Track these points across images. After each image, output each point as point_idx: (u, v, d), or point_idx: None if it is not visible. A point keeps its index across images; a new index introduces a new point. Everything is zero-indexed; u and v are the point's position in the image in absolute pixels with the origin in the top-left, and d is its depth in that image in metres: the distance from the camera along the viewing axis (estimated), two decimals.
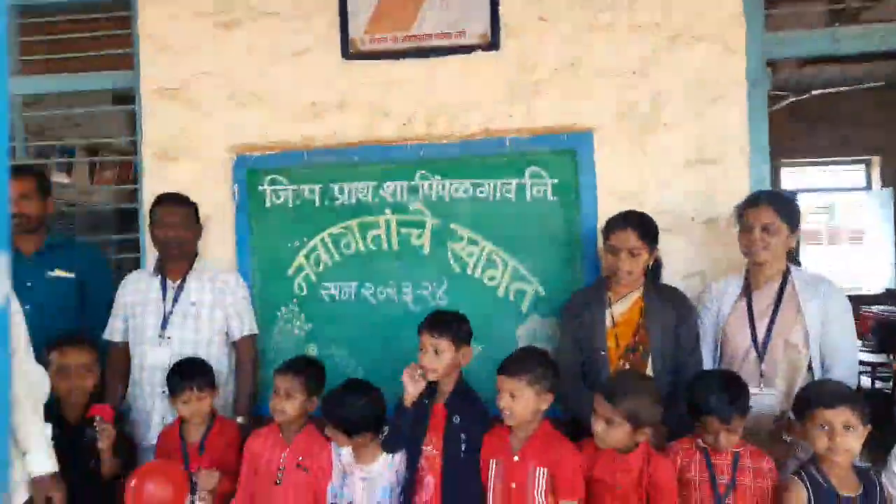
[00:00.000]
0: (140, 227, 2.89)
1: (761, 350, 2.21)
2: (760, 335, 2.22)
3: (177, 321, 2.54)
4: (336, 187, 2.77)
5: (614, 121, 2.65)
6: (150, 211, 2.61)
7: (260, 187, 2.81)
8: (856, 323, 2.28)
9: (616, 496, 1.91)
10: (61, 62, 3.05)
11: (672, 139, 2.64)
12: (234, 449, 2.35)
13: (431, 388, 2.19)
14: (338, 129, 2.77)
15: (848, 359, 2.13)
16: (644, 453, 1.94)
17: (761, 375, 2.18)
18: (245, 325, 2.66)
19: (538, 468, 1.95)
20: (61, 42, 3.04)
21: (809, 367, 2.16)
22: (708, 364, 2.31)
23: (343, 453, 2.22)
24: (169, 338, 2.52)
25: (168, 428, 2.43)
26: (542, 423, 2.03)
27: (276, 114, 2.80)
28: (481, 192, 2.70)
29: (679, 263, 2.61)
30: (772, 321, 2.22)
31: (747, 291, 2.31)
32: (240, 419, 2.52)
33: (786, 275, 2.28)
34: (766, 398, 2.15)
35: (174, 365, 2.41)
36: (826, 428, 1.84)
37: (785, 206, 2.23)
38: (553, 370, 2.04)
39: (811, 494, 1.85)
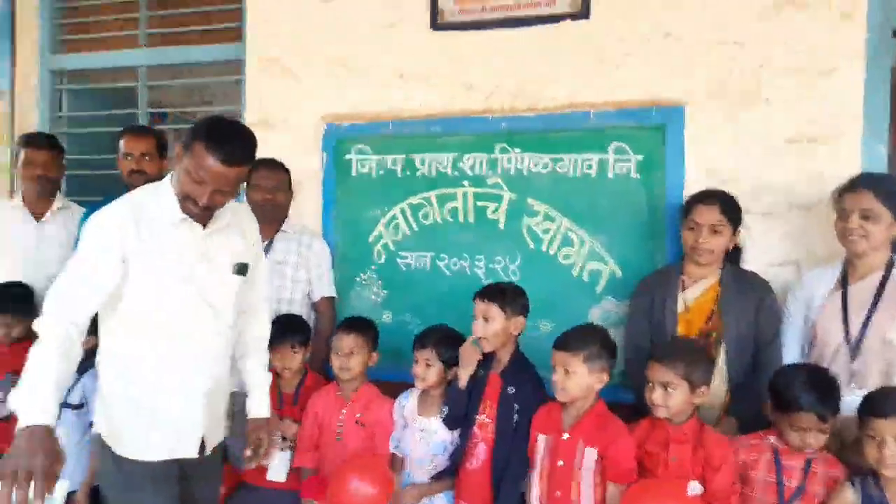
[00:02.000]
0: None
1: (854, 347, 2.00)
2: (854, 331, 2.01)
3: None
4: (418, 158, 2.82)
5: (709, 95, 2.48)
6: (248, 175, 2.79)
7: (347, 156, 2.92)
8: None
9: (670, 468, 1.82)
10: (176, 36, 3.33)
11: (773, 115, 2.43)
12: None
13: (489, 359, 2.19)
14: (423, 101, 2.81)
15: None
16: (698, 428, 1.87)
17: (852, 375, 1.98)
18: (325, 287, 2.79)
19: (587, 448, 1.90)
20: (177, 17, 3.32)
21: None
22: (794, 359, 2.14)
23: (406, 405, 2.29)
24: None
25: None
26: (596, 403, 1.98)
27: (366, 84, 2.88)
28: (561, 166, 2.64)
29: (772, 251, 2.42)
30: (868, 317, 2.00)
31: (843, 283, 2.10)
32: None
33: (890, 267, 2.04)
34: (855, 400, 1.94)
35: (273, 320, 2.54)
36: (877, 439, 1.66)
37: (888, 191, 2.00)
38: (611, 350, 1.98)
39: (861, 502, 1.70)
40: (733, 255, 2.33)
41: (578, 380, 1.91)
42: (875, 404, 1.71)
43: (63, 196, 3.10)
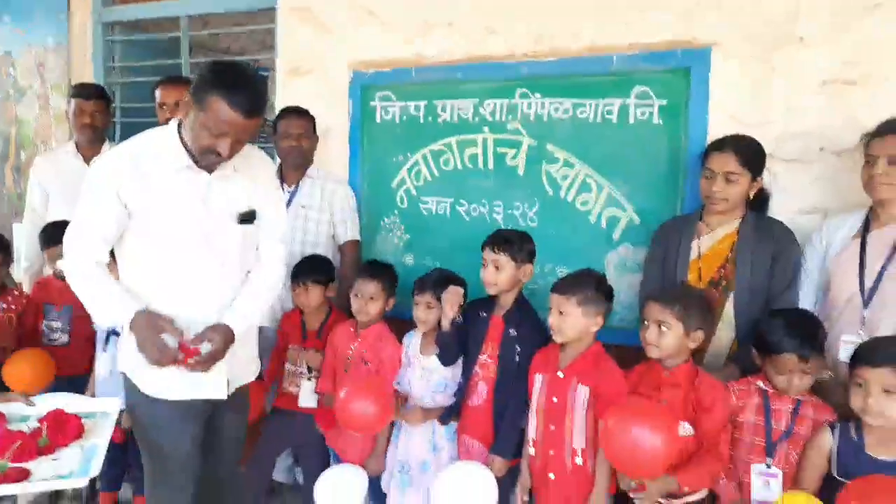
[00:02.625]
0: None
1: (868, 296, 1.93)
2: (869, 280, 1.94)
3: (288, 222, 2.81)
4: (440, 105, 2.83)
5: (738, 35, 2.37)
6: (275, 123, 2.89)
7: (371, 103, 2.97)
8: None
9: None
10: None
11: (809, 56, 2.30)
12: None
13: (492, 301, 2.23)
14: (446, 47, 2.81)
15: None
16: (692, 371, 1.87)
17: (863, 323, 1.92)
18: (349, 230, 2.88)
19: (581, 385, 1.94)
20: None
21: None
22: (809, 307, 2.08)
23: (410, 344, 2.38)
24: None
25: (290, 313, 2.74)
26: (593, 345, 2.00)
27: (391, 32, 2.90)
28: (582, 112, 2.60)
29: (801, 198, 2.33)
30: (885, 265, 1.92)
31: (864, 231, 2.01)
32: None
33: None
34: None
35: (299, 261, 2.66)
36: (863, 385, 1.63)
37: None
38: (606, 294, 1.99)
39: (837, 447, 1.69)
40: (759, 203, 2.27)
41: (573, 321, 1.94)
42: (864, 353, 1.68)
43: (112, 143, 3.29)
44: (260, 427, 2.61)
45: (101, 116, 3.14)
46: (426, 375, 2.31)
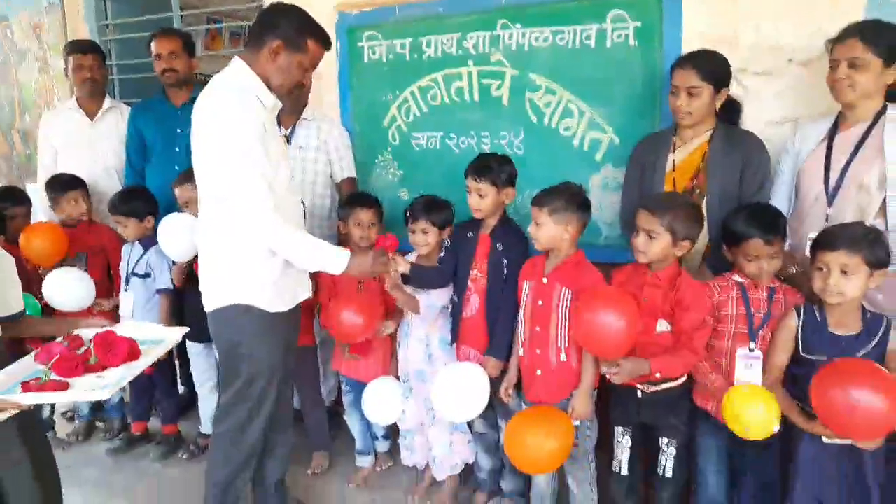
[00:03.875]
0: None
1: (832, 193, 2.06)
2: (833, 178, 2.07)
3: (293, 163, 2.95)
4: (424, 41, 2.93)
5: None
6: None
7: (359, 44, 3.06)
8: None
9: (642, 308, 1.99)
10: None
11: None
12: None
13: (478, 222, 2.39)
14: None
15: None
16: (675, 274, 2.01)
17: (827, 220, 2.05)
18: (345, 169, 3.02)
19: (563, 289, 2.10)
20: None
21: (884, 213, 1.99)
22: (782, 209, 2.20)
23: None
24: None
25: None
26: (575, 253, 2.15)
27: None
28: (561, 39, 2.69)
29: (771, 109, 2.44)
30: (848, 163, 2.05)
31: (832, 133, 2.13)
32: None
33: (879, 115, 2.05)
34: None
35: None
36: (823, 269, 1.77)
37: (877, 37, 1.97)
38: (578, 205, 2.11)
39: (801, 325, 1.85)
40: (731, 115, 2.38)
41: (546, 230, 2.09)
42: (823, 239, 1.81)
43: (111, 98, 3.41)
44: None
45: (99, 70, 3.25)
46: (418, 293, 2.48)
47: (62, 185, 3.02)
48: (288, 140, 2.97)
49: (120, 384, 1.65)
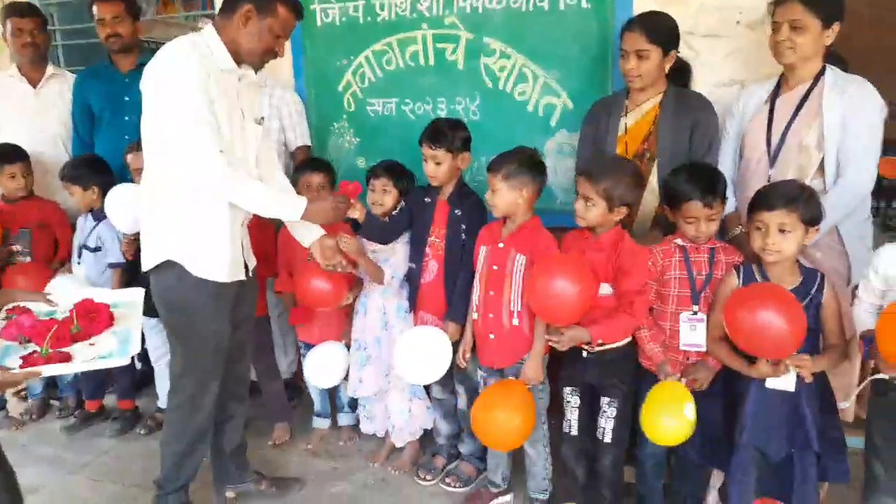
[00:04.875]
0: None
1: (774, 154, 2.11)
2: (775, 139, 2.11)
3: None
4: (377, 3, 2.87)
5: None
6: None
7: (311, 6, 2.98)
8: None
9: None
10: None
11: None
12: (272, 242, 2.76)
13: (435, 188, 2.38)
14: None
15: (861, 162, 1.97)
16: (617, 237, 2.03)
17: (769, 181, 2.09)
18: (299, 136, 2.97)
19: (518, 254, 2.11)
20: None
21: (822, 172, 2.04)
22: (728, 173, 2.25)
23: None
24: None
25: None
26: (530, 219, 2.16)
27: None
28: (515, 2, 2.67)
29: (719, 71, 2.47)
30: (789, 124, 2.09)
31: (774, 96, 2.16)
32: None
33: (818, 77, 2.09)
34: None
35: None
36: (762, 229, 1.81)
37: (817, 0, 1.99)
38: (533, 168, 2.11)
39: (741, 283, 1.90)
40: (682, 77, 2.39)
41: (501, 195, 2.09)
42: (761, 198, 1.84)
43: (54, 65, 3.28)
44: None
45: (40, 34, 3.12)
46: (377, 257, 2.48)
47: (0, 158, 2.90)
48: None
49: (135, 344, 1.67)
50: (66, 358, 1.61)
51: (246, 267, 2.15)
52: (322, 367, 2.58)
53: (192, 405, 2.11)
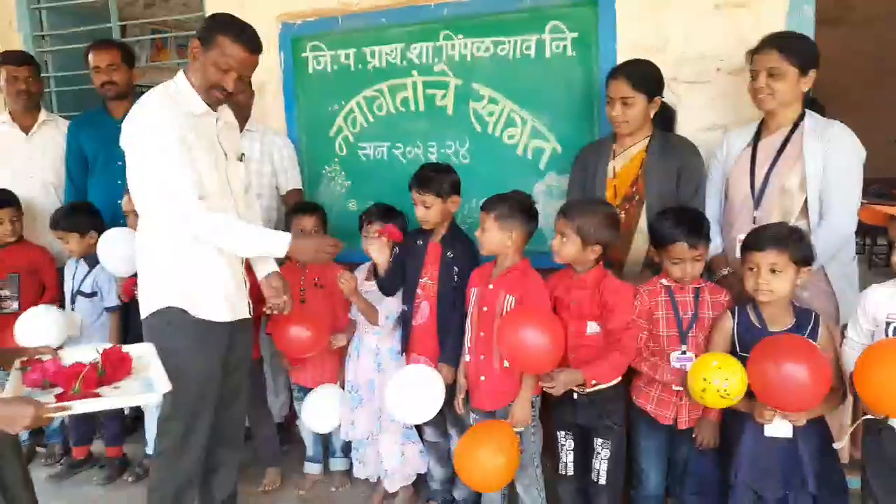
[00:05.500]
0: None
1: (757, 196, 2.16)
2: (758, 182, 2.17)
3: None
4: (368, 51, 2.94)
5: None
6: None
7: (303, 54, 3.05)
8: None
9: (571, 311, 2.06)
10: None
11: None
12: None
13: (427, 230, 2.41)
14: None
15: (844, 204, 2.02)
16: (599, 276, 2.07)
17: (754, 222, 2.14)
18: (290, 180, 3.01)
19: (507, 295, 2.13)
20: None
21: (806, 214, 2.09)
22: (712, 214, 2.29)
23: (358, 276, 2.56)
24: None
25: None
26: (520, 262, 2.18)
27: None
28: (502, 49, 2.74)
29: (701, 116, 2.54)
30: (771, 168, 2.14)
31: (756, 140, 2.23)
32: None
33: (797, 122, 2.16)
34: None
35: None
36: (754, 269, 1.84)
37: (792, 47, 2.09)
38: (524, 213, 2.15)
39: (736, 325, 1.93)
40: (666, 122, 2.46)
41: (490, 235, 2.13)
42: (752, 240, 1.89)
43: (47, 111, 3.31)
44: None
45: (34, 82, 3.15)
46: (373, 298, 2.49)
47: None
48: None
49: (164, 383, 1.67)
50: (97, 396, 1.64)
51: (249, 305, 2.18)
52: (320, 410, 2.56)
53: (179, 450, 2.08)
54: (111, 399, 1.66)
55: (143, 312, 2.06)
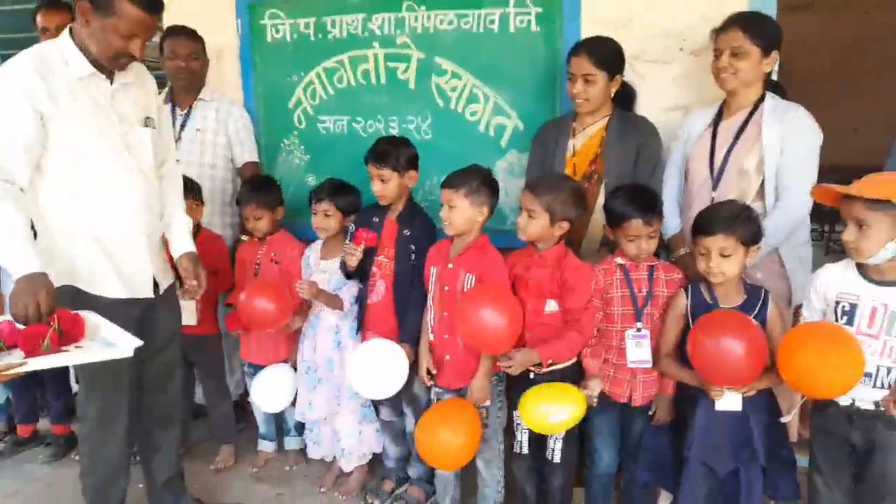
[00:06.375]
0: None
1: (716, 177, 2.16)
2: (717, 163, 2.17)
3: (184, 146, 2.81)
4: (329, 21, 2.85)
5: None
6: (161, 43, 2.83)
7: (261, 21, 2.95)
8: None
9: (530, 289, 2.04)
10: None
11: None
12: (223, 256, 2.70)
13: (384, 206, 2.35)
14: None
15: (799, 186, 2.02)
16: (560, 254, 2.05)
17: (712, 202, 2.14)
18: (246, 151, 2.91)
19: (467, 274, 2.10)
20: None
21: (762, 195, 2.10)
22: (671, 194, 2.30)
23: (311, 255, 2.52)
24: (178, 161, 2.81)
25: None
26: (479, 238, 2.15)
27: None
28: (465, 23, 2.69)
29: (664, 96, 2.53)
30: (730, 149, 2.15)
31: (716, 121, 2.22)
32: (243, 237, 2.84)
33: (758, 103, 2.16)
34: None
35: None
36: (704, 253, 1.86)
37: (756, 27, 2.08)
38: (491, 188, 2.12)
39: (689, 303, 1.95)
40: (626, 101, 2.44)
41: (461, 213, 2.07)
42: (700, 224, 1.89)
43: None
44: None
45: None
46: (326, 277, 2.44)
47: None
48: (185, 121, 2.84)
49: (131, 341, 1.64)
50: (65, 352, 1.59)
51: (156, 285, 2.02)
52: (270, 390, 2.52)
53: (100, 435, 1.99)
54: (89, 352, 1.61)
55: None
